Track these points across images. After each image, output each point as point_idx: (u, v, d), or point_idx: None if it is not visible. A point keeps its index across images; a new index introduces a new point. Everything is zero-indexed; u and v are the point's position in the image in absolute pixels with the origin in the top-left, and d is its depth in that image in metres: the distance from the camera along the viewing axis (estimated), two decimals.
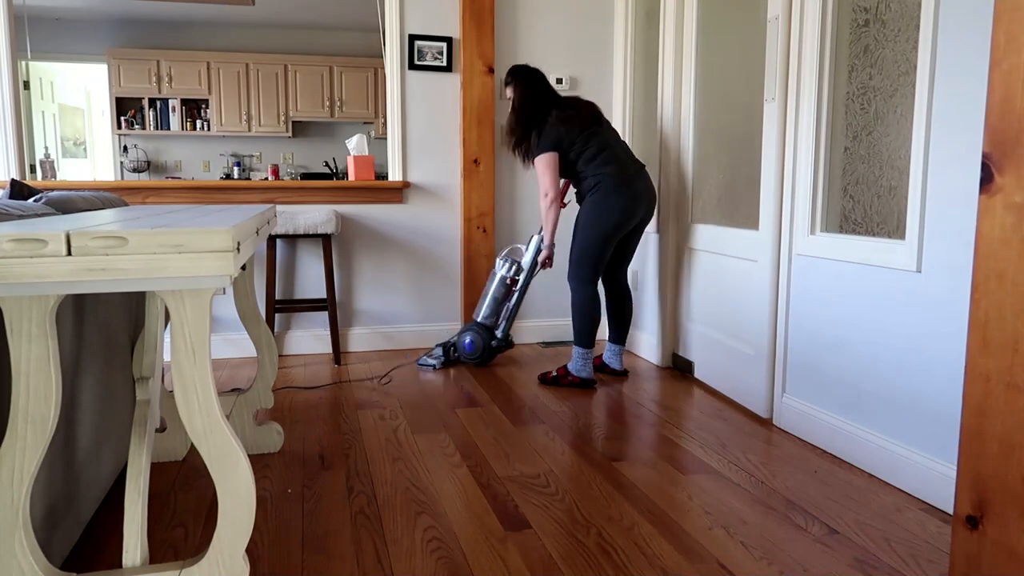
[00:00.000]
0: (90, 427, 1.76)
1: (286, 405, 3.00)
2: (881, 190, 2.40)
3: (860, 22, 2.44)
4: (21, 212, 1.57)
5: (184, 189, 3.76)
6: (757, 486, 2.20)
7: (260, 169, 7.85)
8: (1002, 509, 1.30)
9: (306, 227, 3.61)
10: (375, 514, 2.02)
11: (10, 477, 1.26)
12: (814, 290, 2.55)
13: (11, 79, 3.63)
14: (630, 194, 3.12)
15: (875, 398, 2.30)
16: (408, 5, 3.86)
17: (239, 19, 7.26)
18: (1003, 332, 1.29)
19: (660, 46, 3.57)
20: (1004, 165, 1.27)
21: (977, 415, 1.35)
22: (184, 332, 1.28)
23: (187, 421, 1.31)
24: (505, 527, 1.95)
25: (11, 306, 1.22)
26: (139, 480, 1.49)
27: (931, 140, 2.06)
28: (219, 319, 3.80)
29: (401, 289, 4.03)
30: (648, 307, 3.79)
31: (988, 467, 1.33)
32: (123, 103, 7.35)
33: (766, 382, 2.81)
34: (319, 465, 2.37)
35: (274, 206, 2.38)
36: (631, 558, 1.79)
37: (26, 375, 1.24)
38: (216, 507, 1.35)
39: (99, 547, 1.81)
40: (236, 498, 1.34)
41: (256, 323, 2.45)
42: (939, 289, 2.05)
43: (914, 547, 1.84)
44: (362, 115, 7.74)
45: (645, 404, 3.03)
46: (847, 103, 2.49)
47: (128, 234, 1.17)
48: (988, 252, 1.31)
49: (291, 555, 1.80)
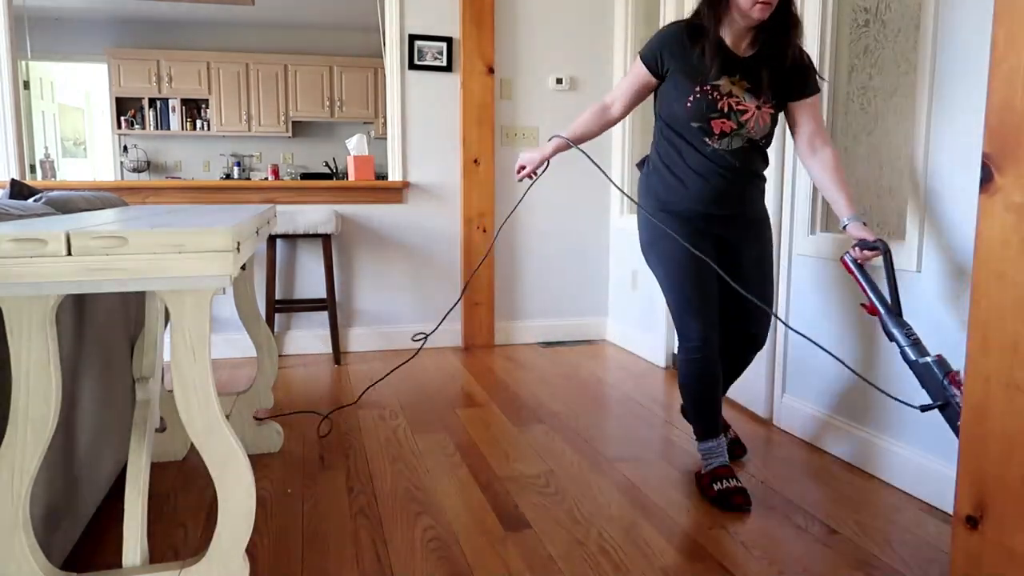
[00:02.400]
0: (90, 427, 1.76)
1: (286, 405, 3.00)
2: (881, 190, 2.40)
3: (860, 22, 2.44)
4: (21, 212, 1.57)
5: (184, 189, 3.76)
6: (757, 486, 2.20)
7: (260, 169, 7.85)
8: (1002, 509, 1.30)
9: (306, 227, 3.61)
10: (375, 514, 2.02)
11: (10, 477, 1.26)
12: (814, 290, 2.55)
13: (11, 79, 3.63)
14: None
15: (875, 398, 2.29)
16: (408, 5, 3.86)
17: (239, 19, 7.26)
18: (1003, 332, 1.29)
19: None
20: (1004, 165, 1.27)
21: (977, 415, 1.35)
22: (184, 332, 1.28)
23: (187, 421, 1.31)
24: (505, 527, 1.95)
25: (11, 306, 1.22)
26: (139, 480, 1.49)
27: (931, 140, 2.06)
28: (219, 319, 3.80)
29: (401, 289, 4.03)
30: (648, 307, 3.79)
31: (988, 467, 1.33)
32: (123, 103, 7.35)
33: (766, 382, 2.81)
34: (319, 465, 2.37)
35: (274, 206, 2.38)
36: (631, 558, 1.79)
37: (26, 375, 1.24)
38: (216, 507, 1.35)
39: (99, 547, 1.81)
40: (236, 498, 1.34)
41: (256, 323, 2.45)
42: (939, 289, 2.05)
43: (914, 547, 1.84)
44: (362, 115, 7.74)
45: (645, 404, 3.02)
46: (847, 103, 2.49)
47: (128, 234, 1.17)
48: (988, 252, 1.31)
49: (291, 555, 1.80)
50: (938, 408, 1.78)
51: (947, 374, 1.78)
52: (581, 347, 4.10)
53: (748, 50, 2.01)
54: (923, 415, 2.11)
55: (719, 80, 1.97)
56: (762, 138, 2.05)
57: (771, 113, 2.03)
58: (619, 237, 4.13)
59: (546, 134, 4.08)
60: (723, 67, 1.97)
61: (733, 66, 1.98)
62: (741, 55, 2.00)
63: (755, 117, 1.99)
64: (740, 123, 1.99)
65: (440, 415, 2.89)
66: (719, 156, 2.01)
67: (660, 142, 2.11)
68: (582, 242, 4.23)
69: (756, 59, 2.00)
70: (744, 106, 1.98)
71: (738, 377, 2.35)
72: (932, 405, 1.77)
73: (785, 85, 2.03)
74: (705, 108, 1.97)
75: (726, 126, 1.98)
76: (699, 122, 1.98)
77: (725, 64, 1.98)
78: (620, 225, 4.10)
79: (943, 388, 1.76)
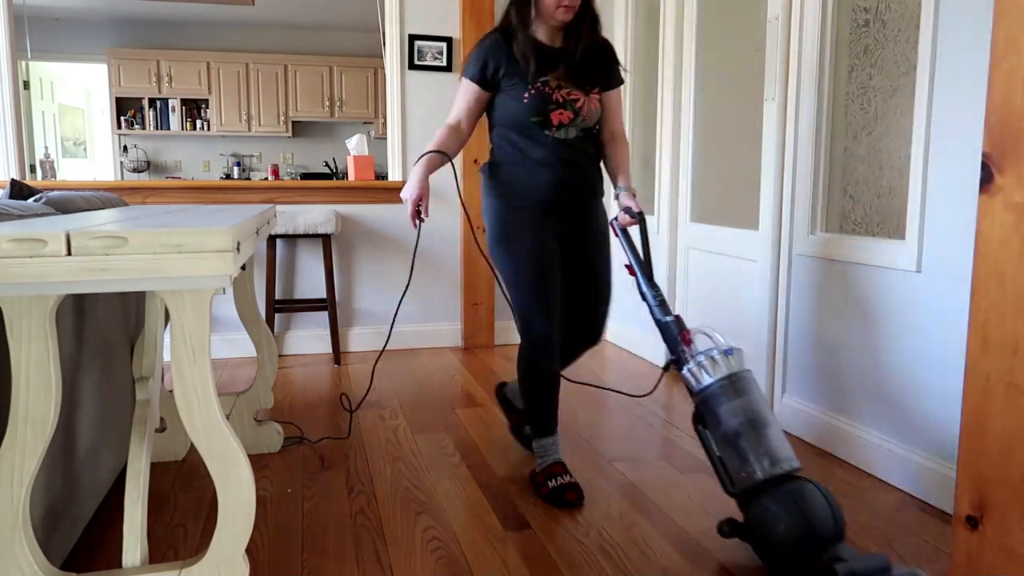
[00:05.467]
0: (90, 427, 1.76)
1: (286, 405, 3.00)
2: (881, 190, 2.40)
3: (860, 22, 2.44)
4: (21, 212, 1.57)
5: (184, 189, 3.76)
6: None
7: (260, 169, 7.85)
8: (1002, 509, 1.30)
9: (306, 227, 3.61)
10: (375, 514, 2.02)
11: (10, 477, 1.26)
12: (814, 290, 2.55)
13: (11, 79, 3.63)
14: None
15: (875, 398, 2.29)
16: (408, 5, 3.86)
17: (239, 19, 7.26)
18: (1003, 332, 1.29)
19: (660, 46, 3.57)
20: (1004, 165, 1.27)
21: (977, 415, 1.35)
22: (184, 332, 1.28)
23: (187, 421, 1.31)
24: (505, 527, 1.95)
25: (11, 306, 1.22)
26: (139, 480, 1.49)
27: (931, 140, 2.06)
28: (219, 319, 3.80)
29: (401, 289, 4.03)
30: None
31: (988, 467, 1.33)
32: (123, 103, 7.35)
33: (766, 382, 2.81)
34: (319, 465, 2.37)
35: (274, 206, 2.38)
36: (631, 558, 1.79)
37: (26, 375, 1.24)
38: (216, 507, 1.35)
39: (99, 547, 1.81)
40: (236, 498, 1.34)
41: (256, 323, 2.45)
42: (939, 289, 2.05)
43: (914, 547, 1.84)
44: (362, 115, 7.74)
45: (645, 404, 3.02)
46: (847, 103, 2.49)
47: (128, 234, 1.17)
48: (988, 252, 1.31)
49: (291, 555, 1.80)
50: (673, 364, 1.97)
51: (681, 332, 1.96)
52: None
53: (562, 43, 2.13)
54: (923, 415, 2.11)
55: (547, 76, 2.08)
56: (595, 124, 2.18)
57: (598, 98, 2.16)
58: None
59: None
60: (545, 63, 2.09)
61: (555, 60, 2.10)
62: (558, 48, 2.12)
63: (586, 104, 2.12)
64: (576, 111, 2.10)
65: (440, 415, 2.89)
66: (560, 145, 2.11)
67: (501, 146, 2.18)
68: None
69: (572, 52, 2.11)
70: (575, 95, 2.10)
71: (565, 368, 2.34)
72: (672, 361, 1.97)
73: (600, 74, 2.17)
74: (542, 102, 2.07)
75: (564, 116, 2.09)
76: (538, 116, 2.08)
77: (547, 60, 2.09)
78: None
79: (676, 343, 1.95)
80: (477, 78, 2.13)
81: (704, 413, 1.83)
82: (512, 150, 2.14)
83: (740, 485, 1.75)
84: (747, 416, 1.77)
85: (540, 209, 2.13)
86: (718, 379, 1.82)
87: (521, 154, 2.13)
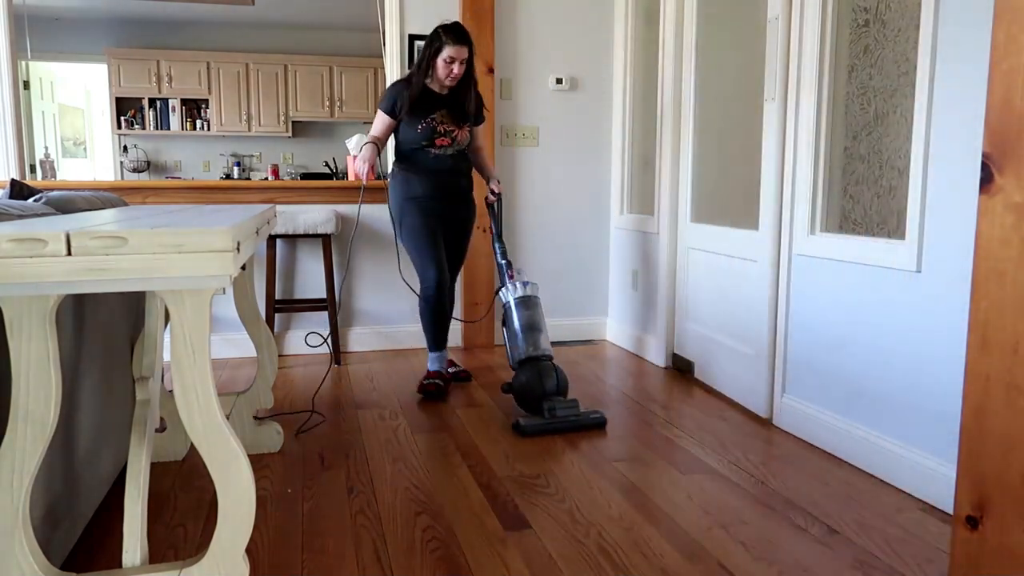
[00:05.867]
0: (90, 427, 1.76)
1: (286, 405, 3.00)
2: (881, 190, 2.40)
3: (860, 22, 2.44)
4: (21, 212, 1.57)
5: (184, 189, 3.76)
6: (757, 486, 2.20)
7: (260, 169, 7.85)
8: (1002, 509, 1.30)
9: (306, 227, 3.61)
10: (375, 514, 2.02)
11: (10, 477, 1.26)
12: (814, 290, 2.55)
13: (11, 79, 3.63)
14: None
15: (875, 398, 2.30)
16: (408, 5, 3.86)
17: (239, 19, 7.26)
18: (1003, 332, 1.29)
19: (660, 46, 3.57)
20: (1004, 165, 1.27)
21: (977, 415, 1.35)
22: (184, 332, 1.28)
23: (187, 421, 1.31)
24: (505, 527, 1.95)
25: (11, 306, 1.22)
26: (139, 480, 1.49)
27: (931, 140, 2.06)
28: (219, 319, 3.80)
29: (401, 289, 4.03)
30: (648, 307, 3.79)
31: (988, 467, 1.33)
32: (123, 103, 7.35)
33: (766, 382, 2.81)
34: (319, 465, 2.37)
35: (274, 206, 2.38)
36: (631, 558, 1.79)
37: (26, 375, 1.24)
38: (216, 507, 1.35)
39: (99, 547, 1.81)
40: (236, 498, 1.34)
41: (256, 323, 2.45)
42: (939, 289, 2.05)
43: (914, 547, 1.84)
44: (362, 115, 7.74)
45: (645, 404, 3.03)
46: (847, 103, 2.49)
47: (128, 234, 1.17)
48: (988, 252, 1.31)
49: (291, 555, 1.80)
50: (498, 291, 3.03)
51: (508, 270, 3.09)
52: (581, 347, 4.10)
53: (448, 92, 3.10)
54: (923, 415, 2.11)
55: (434, 114, 3.06)
56: (465, 146, 3.19)
57: (468, 130, 3.17)
58: (619, 237, 4.13)
59: (546, 134, 4.09)
60: (434, 106, 3.07)
61: (441, 104, 3.09)
62: (445, 95, 3.10)
63: (459, 134, 3.13)
64: (453, 138, 3.11)
65: (440, 415, 2.89)
66: (442, 160, 3.12)
67: (402, 158, 3.16)
68: (582, 242, 4.23)
69: (452, 100, 3.10)
70: (452, 128, 3.10)
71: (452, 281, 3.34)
72: (499, 288, 3.05)
73: (471, 116, 3.17)
74: (430, 132, 3.06)
75: (444, 141, 3.10)
76: (427, 140, 3.07)
77: (435, 103, 3.08)
78: (620, 224, 4.10)
79: (504, 276, 3.07)
80: (388, 111, 3.07)
81: (507, 316, 2.96)
82: (409, 163, 3.13)
83: (515, 359, 2.88)
84: (529, 321, 2.90)
85: (428, 200, 3.11)
86: (516, 297, 2.94)
87: (415, 165, 3.11)
